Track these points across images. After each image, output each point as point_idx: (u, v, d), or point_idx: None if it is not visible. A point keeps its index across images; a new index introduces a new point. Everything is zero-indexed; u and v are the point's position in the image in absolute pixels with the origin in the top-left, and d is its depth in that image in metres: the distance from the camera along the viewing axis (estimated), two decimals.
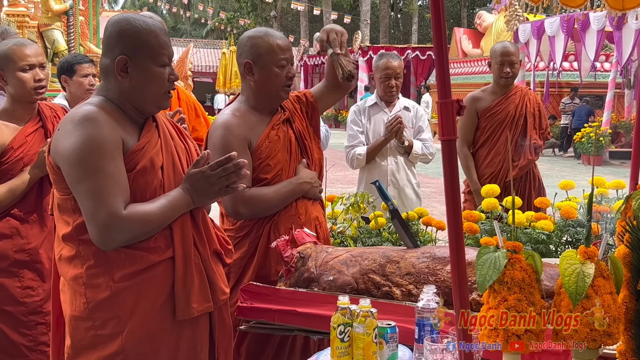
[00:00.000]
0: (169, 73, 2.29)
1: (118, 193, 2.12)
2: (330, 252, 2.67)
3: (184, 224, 2.27)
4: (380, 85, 4.70)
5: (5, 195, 3.21)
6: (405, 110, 4.77)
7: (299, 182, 3.01)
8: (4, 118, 3.28)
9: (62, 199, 2.23)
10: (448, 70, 1.71)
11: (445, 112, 1.65)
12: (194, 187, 2.25)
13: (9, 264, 3.26)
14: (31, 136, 3.32)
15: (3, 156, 3.23)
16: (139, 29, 2.24)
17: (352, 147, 4.74)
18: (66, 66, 4.30)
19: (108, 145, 2.14)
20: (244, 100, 3.08)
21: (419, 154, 4.71)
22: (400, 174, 4.71)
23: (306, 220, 3.00)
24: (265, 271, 2.95)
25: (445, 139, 1.67)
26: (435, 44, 1.70)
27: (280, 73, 2.97)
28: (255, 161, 2.94)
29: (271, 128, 3.01)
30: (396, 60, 4.66)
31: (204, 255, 2.32)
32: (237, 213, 2.94)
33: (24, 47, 3.28)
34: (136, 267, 2.18)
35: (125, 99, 2.27)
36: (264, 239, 2.96)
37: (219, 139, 2.93)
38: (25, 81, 3.26)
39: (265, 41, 2.95)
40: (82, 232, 2.18)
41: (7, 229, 3.26)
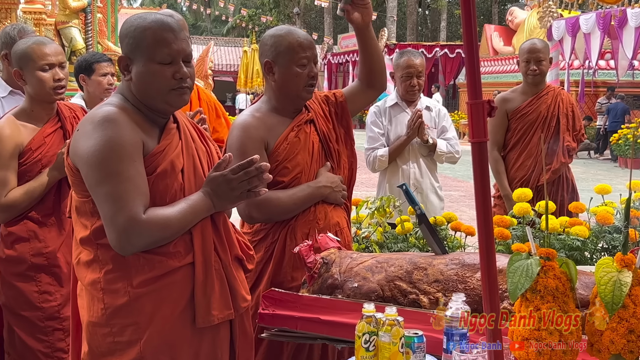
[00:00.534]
0: (174, 71, 2.26)
1: (137, 197, 2.13)
2: (355, 258, 2.67)
3: (204, 228, 2.27)
4: (402, 85, 4.68)
5: (23, 198, 3.24)
6: (426, 111, 4.74)
7: (317, 186, 3.00)
8: (22, 118, 3.31)
9: (81, 201, 2.25)
10: (479, 70, 1.69)
11: (476, 114, 1.64)
12: (214, 191, 2.25)
13: (26, 268, 3.30)
14: (50, 137, 3.35)
15: (21, 157, 3.26)
16: (137, 27, 2.26)
17: (372, 150, 4.72)
18: (84, 65, 4.33)
19: (128, 148, 2.15)
20: (266, 100, 3.09)
21: (444, 152, 4.68)
22: (424, 178, 4.69)
23: (325, 226, 2.98)
24: (281, 277, 2.95)
25: (476, 141, 1.66)
26: (466, 42, 1.69)
27: (302, 72, 2.96)
28: (272, 163, 2.92)
29: (291, 129, 3.01)
30: (418, 58, 4.63)
31: (224, 261, 2.32)
32: (250, 217, 2.95)
33: (44, 46, 3.31)
34: (155, 273, 2.19)
35: (136, 97, 2.29)
36: (279, 244, 2.97)
37: (235, 140, 2.94)
38: (44, 81, 3.28)
39: (286, 39, 2.95)
40: (100, 236, 2.19)
41: (25, 232, 3.30)
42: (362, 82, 3.23)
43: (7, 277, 3.31)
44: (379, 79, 3.22)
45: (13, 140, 3.22)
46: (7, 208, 3.23)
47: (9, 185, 3.21)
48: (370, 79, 3.19)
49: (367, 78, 3.19)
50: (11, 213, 3.26)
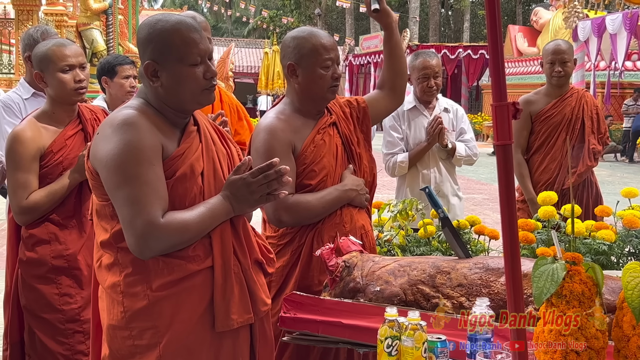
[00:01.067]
0: (204, 71, 2.28)
1: (156, 201, 2.13)
2: (377, 261, 2.67)
3: (223, 232, 2.27)
4: (418, 86, 4.65)
5: (44, 200, 3.27)
6: (444, 112, 4.72)
7: (344, 189, 3.00)
8: (43, 120, 3.34)
9: (101, 205, 2.26)
10: (504, 72, 1.68)
11: (501, 116, 1.64)
12: (234, 194, 2.26)
13: (46, 270, 3.32)
14: (71, 139, 3.38)
15: (42, 160, 3.29)
16: (162, 30, 2.24)
17: (392, 155, 4.70)
18: (107, 67, 4.36)
19: (147, 152, 2.16)
20: (288, 102, 3.09)
21: (463, 156, 4.66)
22: (444, 183, 4.67)
23: (351, 229, 2.99)
24: (308, 281, 2.95)
25: (501, 143, 1.65)
26: (490, 44, 1.68)
27: (325, 74, 2.97)
28: (299, 167, 2.94)
29: (317, 132, 3.01)
30: (434, 59, 4.61)
31: (244, 265, 2.32)
32: (279, 221, 2.94)
33: (64, 48, 3.34)
34: (174, 276, 2.19)
35: (163, 102, 2.29)
36: (306, 248, 2.97)
37: (262, 143, 2.94)
38: (65, 82, 3.31)
39: (309, 41, 2.96)
40: (120, 240, 2.20)
41: (45, 235, 3.32)
42: (384, 88, 3.25)
43: (28, 279, 3.34)
44: (403, 83, 3.25)
45: (34, 143, 3.26)
46: (29, 210, 3.26)
47: (30, 188, 3.25)
48: (395, 82, 3.20)
49: (391, 82, 3.21)
50: (32, 215, 3.29)
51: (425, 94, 4.65)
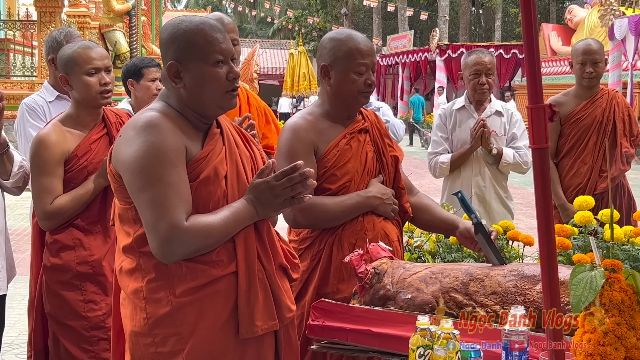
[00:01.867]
0: (227, 71, 2.29)
1: (180, 204, 2.15)
2: (408, 268, 2.66)
3: (247, 236, 2.28)
4: (470, 84, 4.64)
5: (69, 205, 3.29)
6: (496, 115, 4.69)
7: (366, 195, 2.99)
8: (68, 124, 3.37)
9: (123, 208, 2.28)
10: (539, 72, 1.68)
11: (537, 118, 1.63)
12: (258, 198, 2.26)
13: (71, 276, 3.35)
14: (96, 143, 3.41)
15: (67, 164, 3.32)
16: (186, 30, 2.27)
17: (435, 155, 4.71)
18: (133, 69, 4.41)
19: (170, 154, 2.17)
20: (319, 104, 3.11)
21: (510, 162, 4.62)
22: (487, 186, 4.64)
23: (373, 238, 2.95)
24: (327, 289, 2.94)
25: (537, 147, 1.64)
26: (526, 43, 1.67)
27: (358, 79, 2.97)
28: (320, 169, 2.95)
29: (343, 136, 3.02)
30: (487, 56, 4.60)
31: (268, 270, 2.32)
32: (294, 221, 2.96)
33: (89, 50, 3.38)
34: (198, 282, 2.20)
35: (185, 105, 2.31)
36: (326, 254, 2.96)
37: (284, 142, 2.97)
38: (90, 85, 3.34)
39: (346, 44, 2.97)
40: (142, 244, 2.22)
41: (70, 240, 3.35)
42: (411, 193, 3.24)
43: (53, 285, 3.37)
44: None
45: (59, 147, 3.29)
46: (53, 215, 3.29)
47: (55, 193, 3.28)
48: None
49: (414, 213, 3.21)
50: (57, 220, 3.32)
51: (477, 93, 4.63)
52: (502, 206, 4.70)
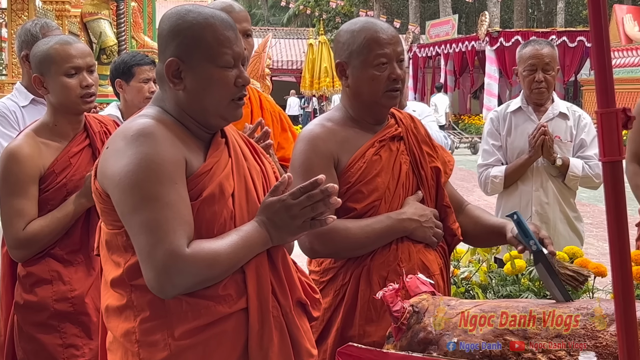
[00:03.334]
0: (236, 76, 2.31)
1: (179, 227, 2.15)
2: (453, 305, 2.65)
3: (260, 266, 2.29)
4: (525, 81, 4.65)
5: (45, 231, 3.30)
6: (560, 118, 4.69)
7: (399, 217, 2.97)
8: (44, 135, 3.38)
9: (112, 234, 2.30)
10: (610, 69, 1.67)
11: (608, 126, 1.62)
12: (271, 220, 2.27)
13: (48, 316, 3.35)
14: (76, 157, 3.42)
15: (43, 182, 3.33)
16: (192, 24, 2.29)
17: (486, 167, 4.72)
18: (122, 68, 4.42)
19: (168, 167, 2.19)
20: (340, 108, 3.11)
21: (578, 175, 4.59)
22: (551, 204, 4.62)
23: (409, 270, 2.90)
24: (351, 331, 2.93)
25: (608, 160, 1.64)
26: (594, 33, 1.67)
27: (379, 75, 2.96)
28: (342, 185, 2.92)
29: (371, 145, 3.00)
30: (545, 47, 4.61)
31: (285, 307, 2.33)
32: (311, 250, 2.94)
33: (69, 46, 3.38)
34: (201, 321, 2.21)
35: (183, 110, 2.33)
36: (351, 288, 2.95)
37: (299, 155, 2.97)
38: (70, 88, 3.35)
39: (360, 35, 2.96)
40: (135, 276, 2.23)
41: (47, 273, 3.36)
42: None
43: (26, 327, 3.37)
44: None
45: (33, 162, 3.30)
46: (26, 243, 3.30)
47: (27, 216, 3.28)
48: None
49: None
50: (31, 250, 3.32)
51: (532, 92, 4.64)
52: (569, 228, 4.68)
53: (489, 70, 29.75)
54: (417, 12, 42.34)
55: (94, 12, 16.56)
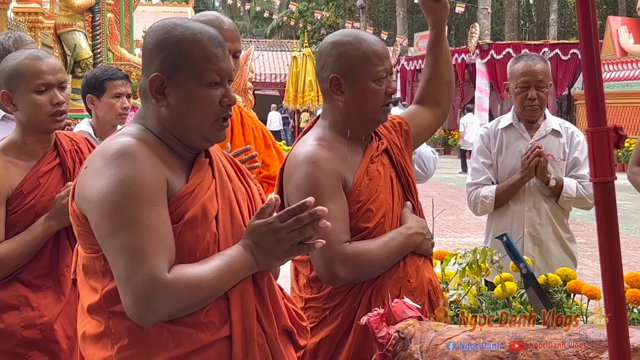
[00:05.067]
0: (222, 95, 2.32)
1: (160, 251, 2.15)
2: (441, 331, 2.66)
3: (244, 292, 2.28)
4: (517, 98, 4.66)
5: (12, 255, 3.25)
6: (552, 136, 4.71)
7: (409, 232, 2.99)
8: (11, 153, 3.34)
9: (89, 258, 2.29)
10: (601, 87, 1.69)
11: (599, 145, 1.64)
12: (257, 243, 2.26)
13: (15, 343, 3.30)
14: (46, 177, 3.37)
15: (10, 203, 3.29)
16: (179, 38, 2.29)
17: (476, 186, 4.72)
18: (93, 83, 4.40)
19: (149, 189, 2.18)
20: (327, 125, 3.08)
21: (572, 196, 4.60)
22: (544, 225, 4.63)
23: (417, 285, 2.96)
24: (365, 354, 2.89)
25: (600, 180, 1.65)
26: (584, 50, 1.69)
27: (379, 89, 2.97)
28: (352, 205, 2.92)
29: (370, 160, 3.01)
30: (538, 63, 4.62)
31: (270, 335, 2.32)
32: (334, 276, 2.89)
33: (39, 62, 3.33)
34: (182, 349, 2.20)
35: (165, 128, 2.33)
36: (362, 310, 2.91)
37: (305, 178, 2.91)
38: (39, 106, 3.30)
39: (357, 48, 2.96)
40: (113, 302, 2.21)
41: (14, 298, 3.31)
42: (427, 99, 3.28)
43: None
44: (449, 94, 3.29)
45: (0, 183, 3.25)
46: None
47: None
48: (444, 93, 3.25)
49: (438, 93, 3.24)
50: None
51: (525, 110, 4.65)
52: (562, 250, 4.68)
53: (480, 84, 29.88)
54: (405, 23, 42.45)
55: (69, 23, 16.50)
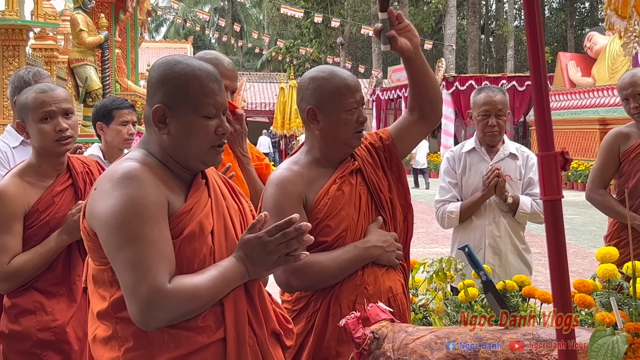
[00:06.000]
0: (217, 125, 2.33)
1: (162, 264, 2.15)
2: (411, 332, 2.66)
3: (237, 299, 2.29)
4: (478, 125, 4.69)
5: (29, 265, 3.27)
6: (510, 158, 4.74)
7: (365, 246, 2.99)
8: (29, 175, 3.36)
9: (98, 269, 2.29)
10: (549, 117, 1.71)
11: (548, 167, 1.65)
12: (248, 255, 2.28)
13: (31, 344, 3.31)
14: (59, 196, 3.39)
15: (27, 219, 3.31)
16: (180, 74, 2.31)
17: (443, 203, 4.75)
18: (103, 111, 4.41)
19: (152, 208, 2.19)
20: (306, 151, 3.12)
21: (527, 212, 4.64)
22: (502, 237, 4.66)
23: (375, 292, 2.96)
24: (323, 352, 2.93)
25: (548, 198, 1.67)
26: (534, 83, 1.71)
27: (350, 118, 2.99)
28: (312, 221, 2.87)
29: (333, 182, 3.02)
30: (498, 94, 4.64)
31: (260, 337, 2.33)
32: (288, 285, 2.95)
33: (43, 94, 3.35)
34: (181, 351, 2.20)
35: (167, 153, 2.34)
36: (322, 314, 2.96)
37: (270, 198, 2.97)
38: (45, 132, 3.33)
39: (331, 82, 2.99)
40: (120, 309, 2.22)
41: (30, 304, 3.32)
42: (414, 112, 3.20)
43: (11, 355, 3.33)
44: (435, 109, 3.19)
45: (18, 201, 3.27)
46: (11, 277, 3.26)
47: (12, 251, 3.25)
48: (426, 108, 3.16)
49: (421, 108, 3.16)
50: (15, 282, 3.29)
51: (486, 135, 4.68)
52: (519, 259, 4.70)
53: (446, 112, 29.95)
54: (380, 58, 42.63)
55: (81, 58, 16.52)
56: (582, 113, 24.64)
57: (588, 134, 23.84)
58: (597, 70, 25.18)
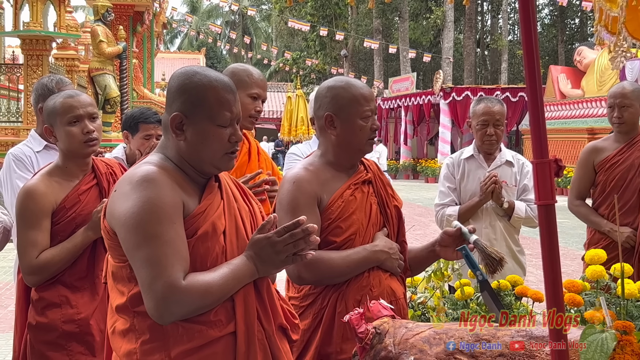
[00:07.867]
0: (231, 134, 2.35)
1: (177, 262, 2.16)
2: (411, 328, 2.66)
3: (247, 295, 2.30)
4: (477, 134, 4.70)
5: (56, 259, 3.29)
6: (506, 165, 4.74)
7: (374, 249, 3.00)
8: (56, 175, 3.40)
9: (117, 266, 2.30)
10: (544, 126, 1.71)
11: (542, 174, 1.66)
12: (258, 254, 2.29)
13: (57, 335, 3.33)
14: (85, 194, 3.43)
15: (55, 216, 3.34)
16: (198, 84, 2.32)
17: (442, 207, 4.75)
18: (130, 122, 4.44)
19: (168, 209, 2.20)
20: (320, 154, 3.14)
21: (522, 217, 4.65)
22: (498, 239, 4.65)
23: (379, 294, 2.97)
24: (329, 348, 2.94)
25: (543, 203, 1.67)
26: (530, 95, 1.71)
27: (365, 125, 3.02)
28: (324, 221, 2.96)
29: (347, 187, 3.04)
30: (496, 105, 4.66)
31: (268, 331, 2.34)
32: (299, 277, 2.96)
33: (71, 99, 3.42)
34: (194, 343, 2.21)
35: (183, 158, 2.35)
36: (329, 311, 2.96)
37: (286, 195, 2.98)
38: (73, 135, 3.38)
39: (348, 91, 3.03)
40: (137, 304, 2.23)
41: (56, 297, 3.34)
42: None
43: (37, 345, 3.35)
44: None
45: (47, 199, 3.31)
46: (39, 270, 3.29)
47: (41, 246, 3.28)
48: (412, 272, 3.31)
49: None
50: (43, 276, 3.31)
51: (484, 144, 4.69)
52: (513, 261, 4.69)
53: (443, 121, 29.99)
54: (381, 70, 42.62)
55: (100, 67, 16.59)
56: (572, 123, 24.64)
57: (577, 143, 23.81)
58: (586, 83, 25.18)
